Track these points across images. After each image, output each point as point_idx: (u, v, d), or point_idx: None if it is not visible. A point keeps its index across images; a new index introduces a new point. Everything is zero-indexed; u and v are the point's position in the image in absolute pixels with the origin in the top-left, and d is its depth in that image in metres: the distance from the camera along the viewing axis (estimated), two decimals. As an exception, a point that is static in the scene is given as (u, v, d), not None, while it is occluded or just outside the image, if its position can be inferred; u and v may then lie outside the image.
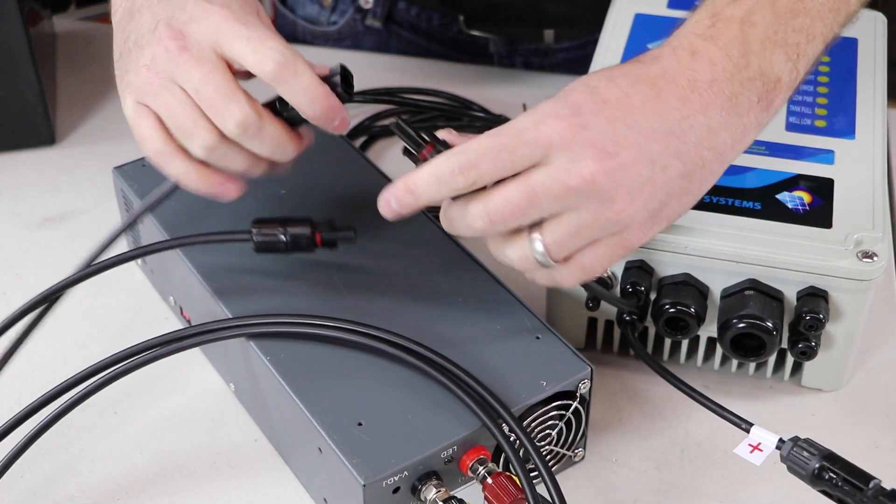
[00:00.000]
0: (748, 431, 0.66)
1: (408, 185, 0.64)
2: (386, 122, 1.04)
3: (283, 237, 0.72)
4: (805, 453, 0.64)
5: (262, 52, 0.65)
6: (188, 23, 0.67)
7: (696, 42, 0.64)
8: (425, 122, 1.03)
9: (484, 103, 1.04)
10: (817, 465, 0.63)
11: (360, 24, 1.13)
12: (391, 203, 0.64)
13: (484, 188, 0.62)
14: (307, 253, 0.72)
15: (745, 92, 0.64)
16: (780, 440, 0.65)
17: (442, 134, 0.66)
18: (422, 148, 0.65)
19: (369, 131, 1.02)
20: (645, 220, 0.63)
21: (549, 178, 0.61)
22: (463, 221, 0.64)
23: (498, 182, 0.62)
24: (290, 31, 1.19)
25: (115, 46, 0.73)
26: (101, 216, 0.92)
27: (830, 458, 0.63)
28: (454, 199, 0.64)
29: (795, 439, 0.64)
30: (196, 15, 0.67)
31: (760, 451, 0.66)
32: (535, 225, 0.63)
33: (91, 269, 0.71)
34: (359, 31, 1.14)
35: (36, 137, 1.01)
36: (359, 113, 1.04)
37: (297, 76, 0.65)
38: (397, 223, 0.67)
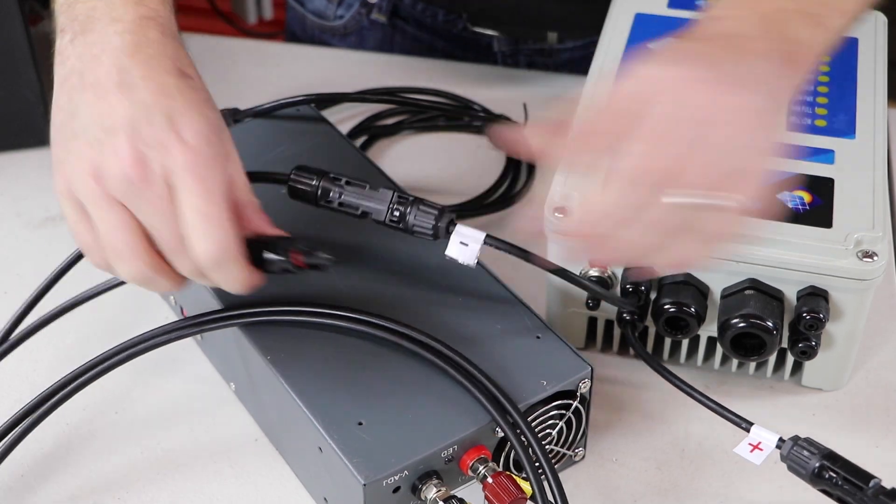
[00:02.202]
0: (748, 431, 0.66)
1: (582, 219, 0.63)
2: (386, 121, 1.04)
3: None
4: (805, 452, 0.64)
5: (203, 240, 0.63)
6: (152, 149, 0.62)
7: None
8: (426, 121, 1.03)
9: (485, 103, 1.04)
10: (817, 465, 0.63)
11: (366, 19, 1.14)
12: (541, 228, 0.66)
13: None
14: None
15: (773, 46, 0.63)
16: (780, 439, 0.65)
17: None
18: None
19: (370, 131, 1.02)
20: None
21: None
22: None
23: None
24: (300, 25, 1.19)
25: (54, 102, 0.67)
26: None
27: (830, 457, 0.63)
28: None
29: (795, 438, 0.64)
30: (164, 144, 0.63)
31: (760, 450, 0.66)
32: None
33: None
34: (364, 25, 1.14)
35: (36, 137, 1.01)
36: (359, 112, 1.04)
37: (224, 272, 0.65)
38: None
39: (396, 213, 0.70)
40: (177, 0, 0.77)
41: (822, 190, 0.74)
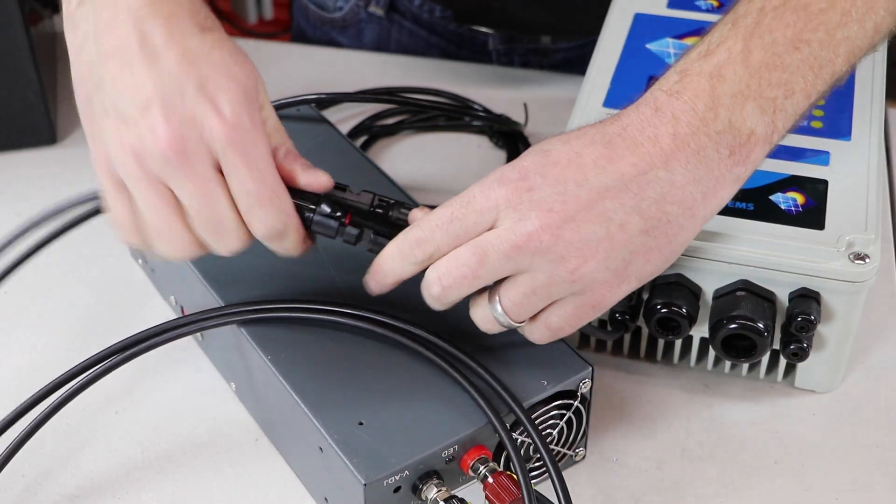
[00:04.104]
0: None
1: (375, 267, 0.66)
2: (387, 121, 1.04)
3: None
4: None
5: (259, 217, 0.63)
6: (189, 127, 0.61)
7: (660, 98, 0.63)
8: (426, 121, 1.03)
9: (485, 102, 1.04)
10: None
11: (364, 12, 1.14)
12: (370, 284, 0.67)
13: None
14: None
15: (712, 145, 0.62)
16: None
17: (416, 213, 0.67)
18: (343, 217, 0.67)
19: (370, 131, 1.02)
20: (608, 279, 0.62)
21: (496, 238, 0.61)
22: (425, 290, 0.65)
23: None
24: (304, 16, 1.20)
25: (75, 73, 0.65)
26: (101, 216, 0.92)
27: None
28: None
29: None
30: (199, 119, 0.61)
31: None
32: (495, 287, 0.64)
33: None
34: (362, 18, 1.14)
35: (36, 137, 1.01)
36: (359, 112, 1.04)
37: (278, 244, 0.66)
38: None
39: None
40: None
41: (815, 191, 0.74)
